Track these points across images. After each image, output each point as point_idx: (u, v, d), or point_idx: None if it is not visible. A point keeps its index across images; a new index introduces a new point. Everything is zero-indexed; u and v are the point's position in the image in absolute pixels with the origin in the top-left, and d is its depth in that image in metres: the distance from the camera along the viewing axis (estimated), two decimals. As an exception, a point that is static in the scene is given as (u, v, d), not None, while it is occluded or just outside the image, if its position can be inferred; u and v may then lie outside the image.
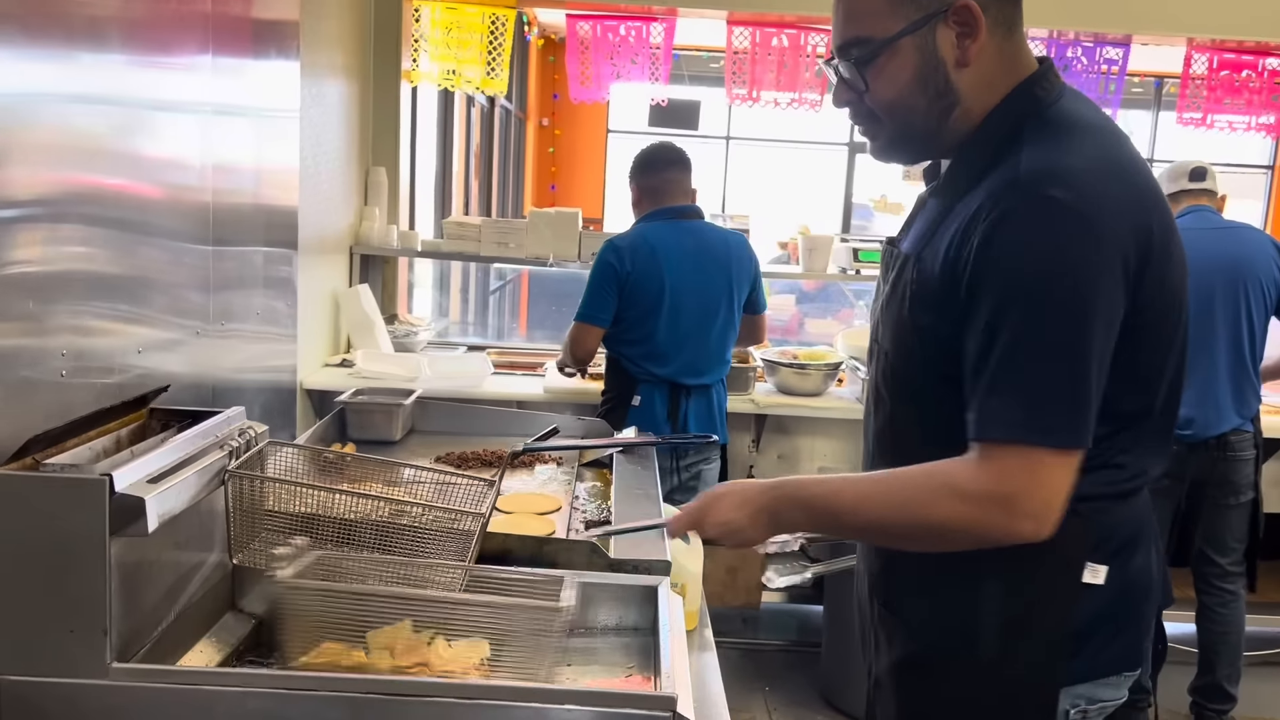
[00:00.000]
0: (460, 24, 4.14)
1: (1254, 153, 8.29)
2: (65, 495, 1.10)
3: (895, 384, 1.34)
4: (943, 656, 1.31)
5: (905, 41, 1.23)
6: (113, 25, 1.68)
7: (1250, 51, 4.29)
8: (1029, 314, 1.14)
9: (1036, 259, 1.14)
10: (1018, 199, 1.16)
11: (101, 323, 1.62)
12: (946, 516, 1.18)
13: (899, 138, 1.32)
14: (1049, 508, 1.15)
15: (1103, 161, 1.18)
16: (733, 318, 3.04)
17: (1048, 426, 1.14)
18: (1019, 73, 1.26)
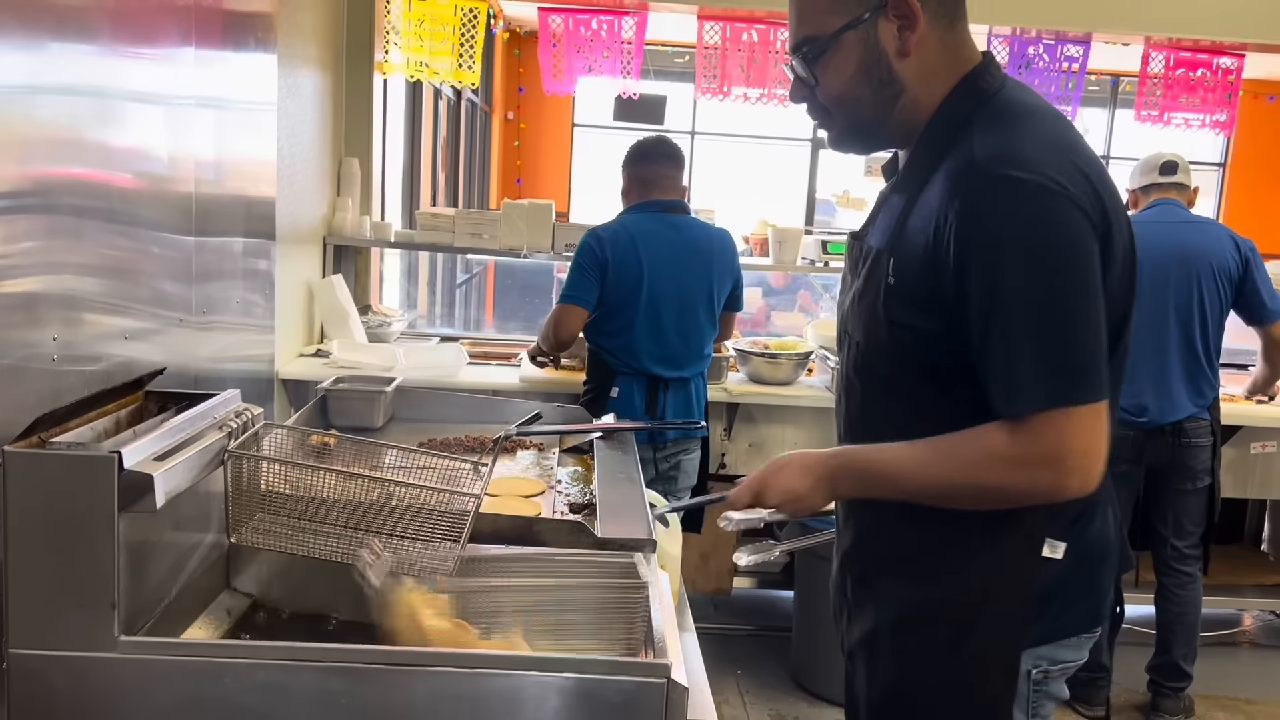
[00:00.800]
0: (432, 16, 4.15)
1: (1206, 150, 8.49)
2: (76, 472, 1.12)
3: (868, 373, 1.39)
4: (911, 627, 1.37)
5: (848, 35, 1.30)
6: (100, 17, 1.69)
7: (1205, 50, 4.42)
8: (1023, 285, 1.19)
9: (1015, 233, 1.20)
10: (981, 184, 1.22)
11: (90, 311, 1.64)
12: (998, 480, 1.23)
13: (849, 128, 1.39)
14: (1092, 460, 1.21)
15: (1051, 143, 1.25)
16: (712, 314, 3.06)
17: (1070, 386, 1.19)
18: (963, 65, 1.33)
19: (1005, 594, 1.32)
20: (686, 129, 8.73)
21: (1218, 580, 3.95)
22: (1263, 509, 4.45)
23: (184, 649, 1.20)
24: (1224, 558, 4.17)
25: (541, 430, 2.19)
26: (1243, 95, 7.57)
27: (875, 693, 1.42)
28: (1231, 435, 3.75)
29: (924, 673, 1.37)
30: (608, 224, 3.06)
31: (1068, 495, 1.22)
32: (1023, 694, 1.34)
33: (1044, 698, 1.36)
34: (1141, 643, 3.54)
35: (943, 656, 1.35)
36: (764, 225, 4.95)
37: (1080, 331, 1.20)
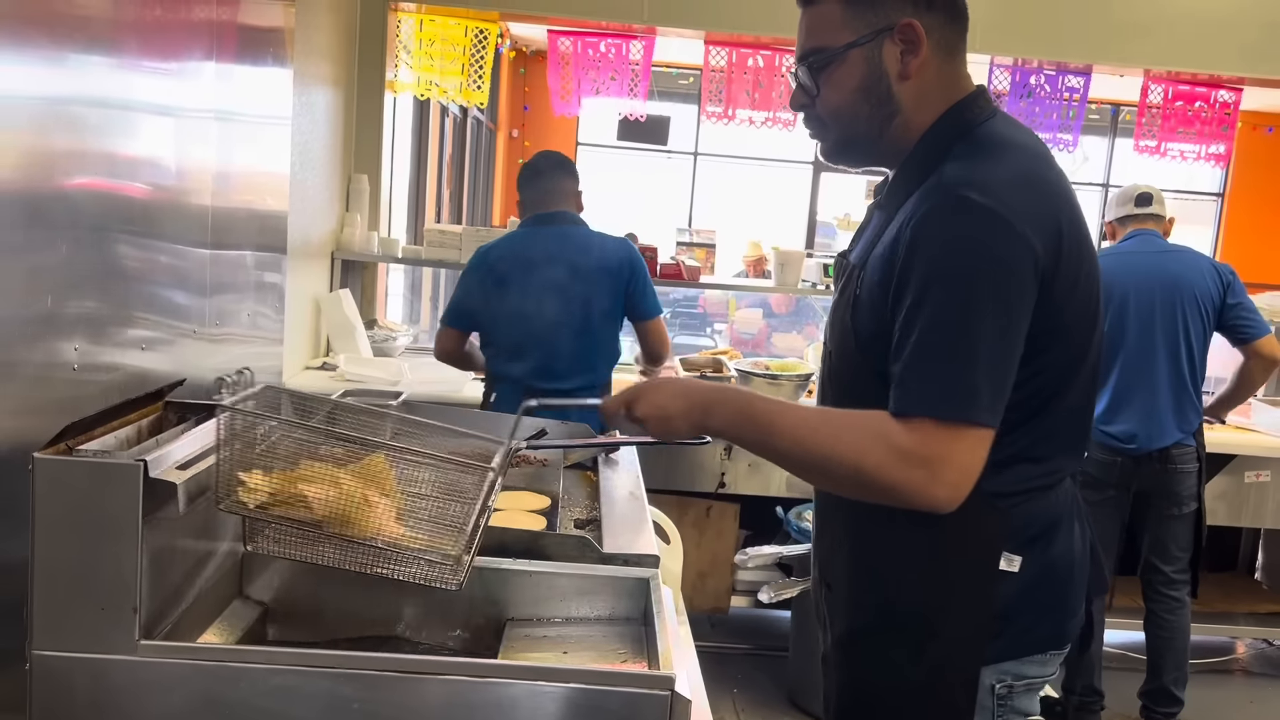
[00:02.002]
0: (443, 36, 4.21)
1: (1205, 180, 8.56)
2: (103, 478, 1.16)
3: (838, 383, 1.45)
4: (876, 633, 1.41)
5: (855, 52, 1.35)
6: (126, 32, 1.74)
7: (1203, 83, 4.48)
8: (946, 299, 1.23)
9: (953, 250, 1.24)
10: (936, 201, 1.27)
11: (109, 322, 1.68)
12: (875, 463, 1.24)
13: (842, 142, 1.43)
14: (965, 479, 1.23)
15: (1016, 173, 1.29)
16: (591, 324, 2.97)
17: (968, 403, 1.22)
18: (955, 94, 1.38)
19: (962, 607, 1.35)
20: (690, 150, 8.80)
21: (1211, 608, 3.98)
22: (1257, 538, 4.48)
23: (201, 653, 1.23)
24: (1217, 586, 4.20)
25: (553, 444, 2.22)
26: (1242, 127, 7.65)
27: (843, 697, 1.47)
28: (1226, 464, 3.79)
29: (885, 680, 1.40)
30: (493, 242, 3.07)
31: (930, 503, 1.24)
32: (986, 707, 1.37)
33: (1010, 712, 1.39)
34: (1134, 668, 3.57)
35: (903, 665, 1.38)
36: (755, 247, 5.01)
37: (985, 356, 1.23)
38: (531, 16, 4.36)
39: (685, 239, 5.50)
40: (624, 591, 1.57)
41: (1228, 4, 4.31)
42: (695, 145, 8.80)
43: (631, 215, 8.60)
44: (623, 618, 1.56)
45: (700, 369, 3.81)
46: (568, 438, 2.46)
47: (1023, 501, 1.34)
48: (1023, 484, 1.34)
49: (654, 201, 9.21)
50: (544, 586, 1.57)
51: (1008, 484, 1.32)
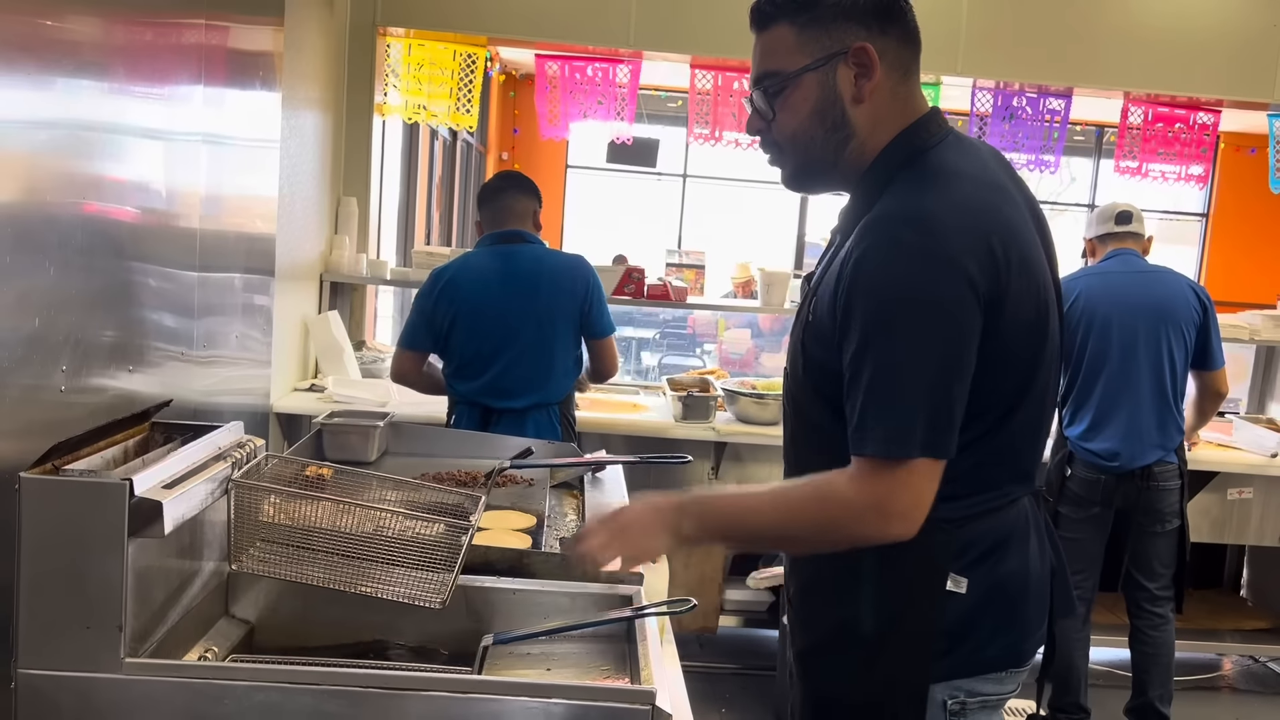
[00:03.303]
0: (432, 60, 4.25)
1: (1189, 201, 8.64)
2: (89, 498, 1.17)
3: (793, 403, 1.49)
4: (831, 648, 1.44)
5: (809, 76, 1.36)
6: (115, 56, 1.77)
7: (1182, 106, 4.54)
8: (887, 340, 1.27)
9: (889, 289, 1.27)
10: (870, 237, 1.30)
11: (97, 343, 1.70)
12: (830, 519, 1.32)
13: (800, 167, 1.44)
14: (915, 509, 1.28)
15: (958, 207, 1.30)
16: (546, 341, 2.97)
17: (910, 440, 1.26)
18: (909, 116, 1.39)
19: (909, 623, 1.37)
20: (679, 172, 8.86)
21: (1197, 625, 4.00)
22: (1242, 554, 4.51)
23: (186, 671, 1.24)
24: (1203, 602, 4.22)
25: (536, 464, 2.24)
26: (1224, 148, 7.77)
27: (804, 710, 1.50)
28: (1208, 481, 3.82)
29: (839, 693, 1.44)
30: (446, 264, 3.07)
31: (890, 539, 1.29)
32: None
33: None
34: (1120, 685, 3.58)
35: (854, 680, 1.41)
36: (743, 269, 5.04)
37: (928, 393, 1.27)
38: (519, 41, 4.41)
39: (675, 260, 5.55)
40: (608, 608, 1.58)
41: (1205, 28, 4.38)
42: (684, 167, 8.86)
43: (621, 237, 8.64)
44: (606, 635, 1.57)
45: (688, 389, 3.83)
46: (553, 456, 2.49)
47: (968, 522, 1.36)
48: (971, 506, 1.36)
49: (643, 223, 9.26)
50: (528, 604, 1.59)
51: (956, 507, 1.34)
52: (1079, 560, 3.31)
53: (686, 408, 3.66)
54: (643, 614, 1.50)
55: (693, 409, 3.66)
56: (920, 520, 1.29)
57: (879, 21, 1.36)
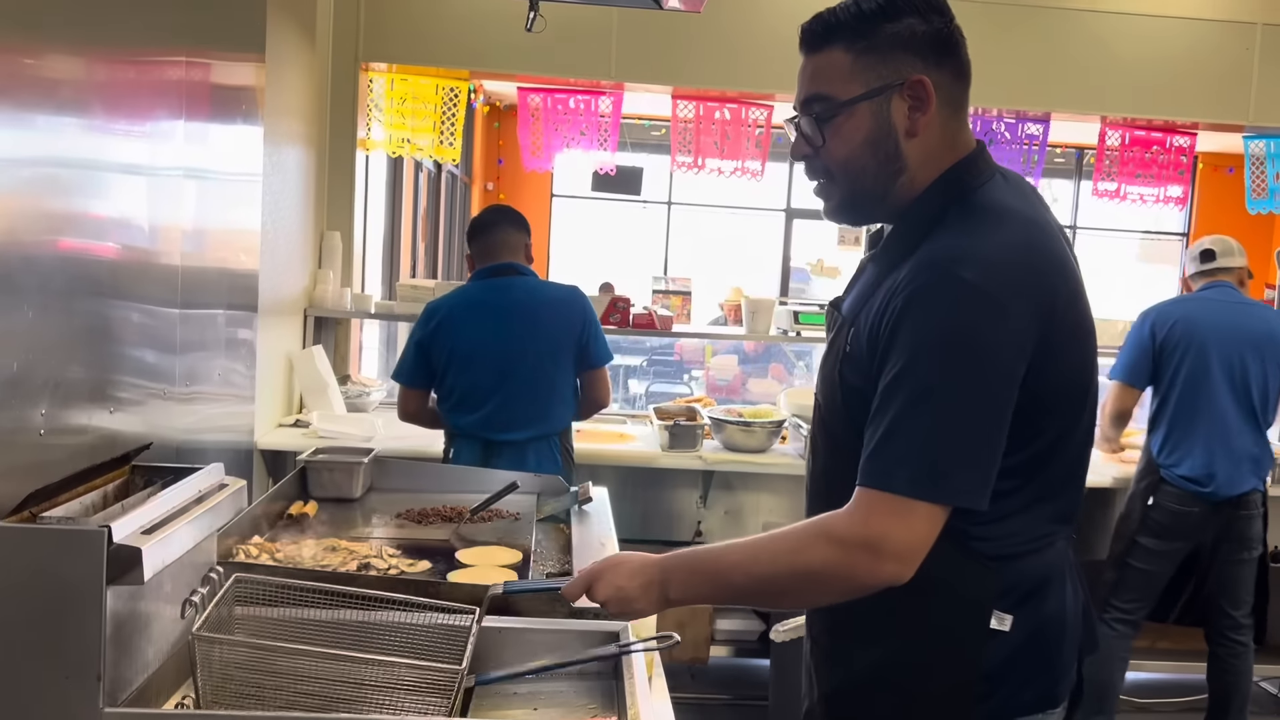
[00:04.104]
0: (415, 95, 4.27)
1: (1170, 221, 8.72)
2: (67, 546, 1.16)
3: (826, 435, 1.43)
4: (863, 691, 1.38)
5: (862, 106, 1.33)
6: (94, 92, 1.76)
7: (1159, 129, 4.59)
8: (923, 379, 1.23)
9: (939, 330, 1.24)
10: (927, 276, 1.26)
11: (77, 384, 1.68)
12: (820, 561, 1.26)
13: (849, 197, 1.39)
14: (912, 552, 1.23)
15: (1010, 247, 1.28)
16: (545, 373, 2.98)
17: (935, 483, 1.22)
18: (957, 152, 1.36)
19: (949, 665, 1.32)
20: (663, 199, 8.89)
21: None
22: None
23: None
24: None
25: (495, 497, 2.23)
26: (1203, 168, 7.85)
27: None
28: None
29: None
30: (439, 298, 3.08)
31: (880, 582, 1.24)
32: None
33: None
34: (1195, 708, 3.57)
35: None
36: (736, 292, 5.06)
37: (954, 442, 1.23)
38: (501, 75, 4.43)
39: (661, 287, 5.55)
40: (594, 644, 1.57)
41: (1180, 52, 4.43)
42: (669, 195, 8.90)
43: (607, 265, 8.66)
44: (594, 672, 1.56)
45: (675, 417, 3.83)
46: (539, 489, 2.48)
47: (1013, 561, 1.33)
48: (1015, 546, 1.33)
49: (629, 251, 9.28)
50: (514, 642, 1.57)
51: (1000, 545, 1.31)
52: (1141, 589, 3.36)
53: (673, 436, 3.66)
54: (629, 651, 1.48)
55: (680, 438, 3.66)
56: (914, 565, 1.24)
57: (935, 54, 1.33)
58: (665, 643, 1.53)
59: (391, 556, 1.92)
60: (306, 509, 2.25)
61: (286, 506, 2.28)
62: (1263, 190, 4.66)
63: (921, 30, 1.32)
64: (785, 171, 8.53)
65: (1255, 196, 4.69)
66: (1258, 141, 4.65)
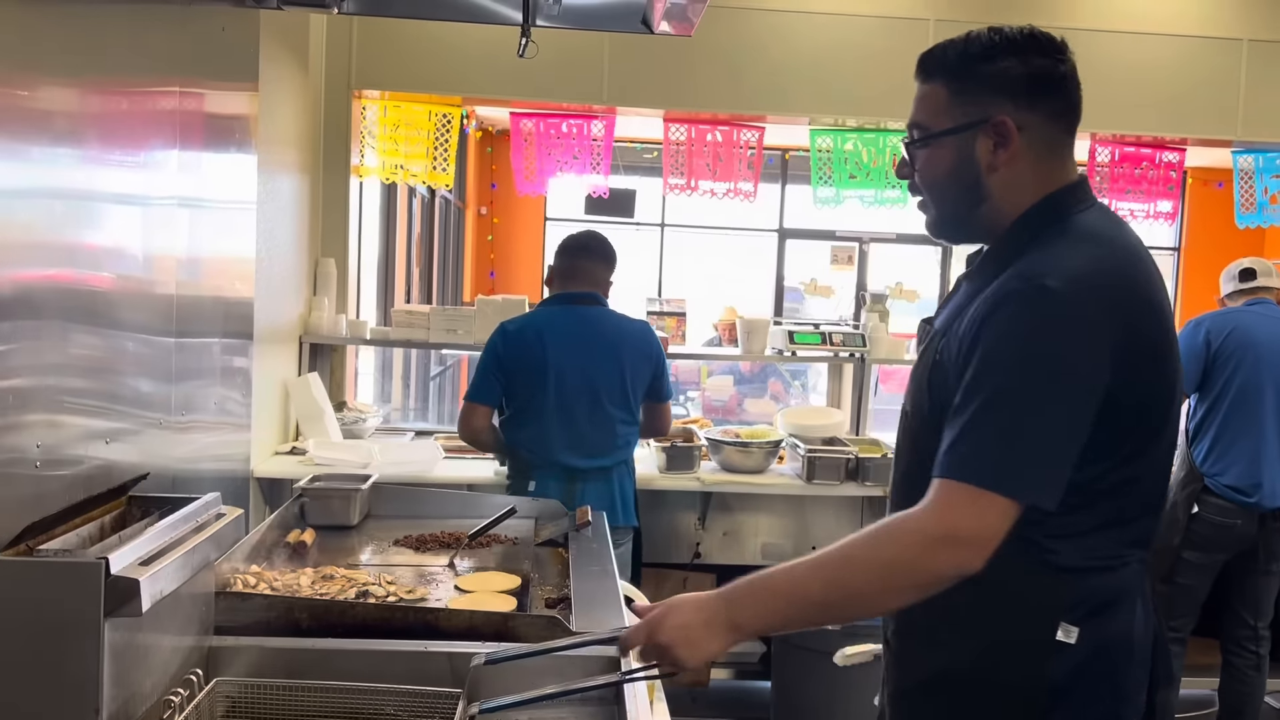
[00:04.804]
0: (408, 121, 4.28)
1: (1161, 236, 8.76)
2: (64, 578, 1.15)
3: (911, 442, 1.47)
4: (929, 693, 1.41)
5: (948, 140, 1.43)
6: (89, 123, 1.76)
7: (1148, 145, 4.62)
8: (1002, 381, 1.29)
9: (1020, 335, 1.29)
10: (1015, 285, 1.32)
11: (73, 415, 1.67)
12: (898, 553, 1.29)
13: (939, 216, 1.50)
14: (984, 542, 1.26)
15: (1099, 264, 1.33)
16: (628, 403, 3.04)
17: (992, 473, 1.26)
18: (1053, 183, 1.43)
19: (1014, 672, 1.34)
20: (656, 221, 8.91)
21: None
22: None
23: (165, 753, 1.21)
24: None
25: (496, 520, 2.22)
26: (1193, 183, 7.89)
27: None
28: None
29: None
30: (516, 318, 3.11)
31: (956, 570, 1.26)
32: None
33: None
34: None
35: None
36: (730, 312, 5.07)
37: (1034, 437, 1.27)
38: (493, 100, 4.45)
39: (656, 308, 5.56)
40: (595, 670, 1.56)
41: (1168, 69, 4.47)
42: (662, 216, 8.92)
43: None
44: (596, 698, 1.55)
45: (672, 439, 3.82)
46: (537, 514, 2.47)
47: (1085, 574, 1.34)
48: (1087, 560, 1.34)
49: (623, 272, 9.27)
50: (515, 669, 1.56)
51: (1071, 559, 1.33)
52: (1185, 607, 3.38)
53: (670, 458, 3.65)
54: (631, 678, 1.47)
55: (677, 459, 3.65)
56: (986, 557, 1.26)
57: (1029, 96, 1.40)
58: (667, 670, 1.52)
59: (390, 583, 1.91)
60: (304, 537, 2.24)
61: (284, 535, 2.27)
62: (1251, 205, 4.69)
63: (1018, 73, 1.40)
64: (778, 192, 8.57)
65: (1244, 211, 4.72)
66: (1246, 156, 4.68)
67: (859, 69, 4.34)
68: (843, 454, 3.64)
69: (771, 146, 5.01)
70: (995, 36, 1.42)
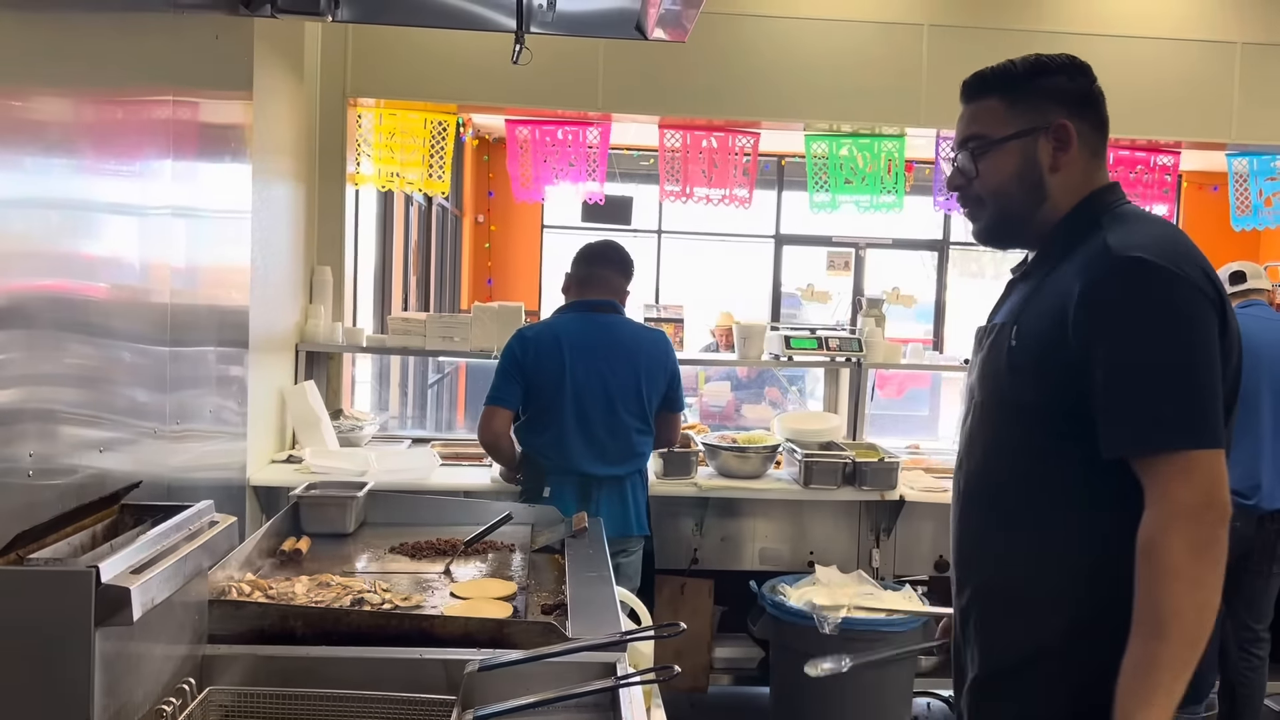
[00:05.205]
0: (403, 129, 4.29)
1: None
2: (54, 587, 1.15)
3: (987, 428, 1.56)
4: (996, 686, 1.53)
5: (1013, 144, 1.55)
6: (82, 133, 1.76)
7: (1143, 148, 4.63)
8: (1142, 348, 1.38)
9: (1142, 306, 1.39)
10: (1109, 262, 1.42)
11: (65, 424, 1.67)
12: (1182, 550, 1.35)
13: (996, 220, 1.61)
14: (1216, 496, 1.37)
15: (1170, 240, 1.46)
16: (643, 412, 3.03)
17: (1203, 432, 1.37)
18: (1095, 184, 1.57)
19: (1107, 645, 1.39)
20: (653, 228, 8.92)
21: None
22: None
23: (157, 762, 1.20)
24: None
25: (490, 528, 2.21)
26: (1188, 186, 7.90)
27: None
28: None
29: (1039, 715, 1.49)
30: (534, 324, 3.12)
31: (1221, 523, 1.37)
32: None
33: None
34: None
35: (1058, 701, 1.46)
36: (726, 317, 5.07)
37: (1205, 391, 1.38)
38: (488, 108, 4.45)
39: (653, 314, 5.56)
40: (591, 676, 1.55)
41: (1162, 72, 4.47)
42: (659, 224, 8.93)
43: (598, 294, 8.65)
44: (591, 704, 1.54)
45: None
46: (533, 520, 2.47)
47: None
48: None
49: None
50: (510, 676, 1.55)
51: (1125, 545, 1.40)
52: None
53: (667, 464, 3.64)
54: (626, 683, 1.47)
55: (674, 465, 3.65)
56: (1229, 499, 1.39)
57: (1079, 106, 1.56)
58: (664, 674, 1.52)
59: (385, 591, 1.90)
60: (300, 545, 2.24)
61: (279, 543, 2.26)
62: (1246, 207, 4.69)
63: (1069, 86, 1.56)
64: (774, 198, 8.58)
65: (1239, 213, 4.73)
66: (1240, 159, 4.69)
67: (853, 74, 4.35)
68: (840, 459, 3.64)
69: (768, 153, 5.01)
70: (1041, 58, 1.58)
